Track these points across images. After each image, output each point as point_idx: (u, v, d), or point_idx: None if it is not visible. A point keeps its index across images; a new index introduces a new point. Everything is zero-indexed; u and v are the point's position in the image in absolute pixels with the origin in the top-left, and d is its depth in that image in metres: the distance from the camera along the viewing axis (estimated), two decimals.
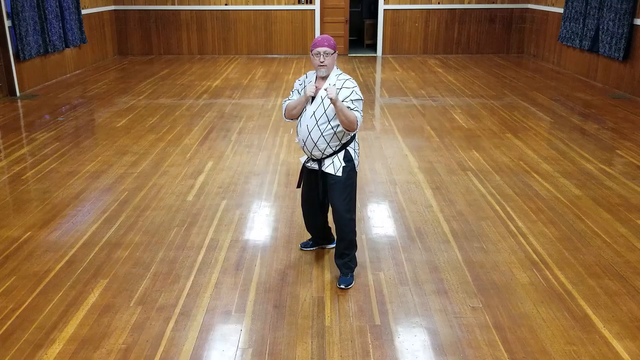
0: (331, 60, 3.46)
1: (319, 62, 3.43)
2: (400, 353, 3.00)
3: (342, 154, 3.54)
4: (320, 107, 3.44)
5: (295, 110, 3.56)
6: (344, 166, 3.53)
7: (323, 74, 3.47)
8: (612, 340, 3.10)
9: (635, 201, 4.94)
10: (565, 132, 7.06)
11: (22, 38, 9.20)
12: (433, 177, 5.51)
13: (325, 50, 3.42)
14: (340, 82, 3.46)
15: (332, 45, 3.47)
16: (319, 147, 3.49)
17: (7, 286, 3.64)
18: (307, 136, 3.50)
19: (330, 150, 3.51)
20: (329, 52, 3.43)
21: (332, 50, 3.45)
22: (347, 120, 3.34)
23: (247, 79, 10.78)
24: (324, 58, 3.43)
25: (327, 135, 3.46)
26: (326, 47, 3.42)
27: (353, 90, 3.44)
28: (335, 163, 3.53)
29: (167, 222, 4.55)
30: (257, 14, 13.38)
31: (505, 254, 4.03)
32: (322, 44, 3.44)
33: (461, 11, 13.36)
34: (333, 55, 3.47)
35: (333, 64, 3.50)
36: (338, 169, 3.52)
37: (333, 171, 3.52)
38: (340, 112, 3.31)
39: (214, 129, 7.25)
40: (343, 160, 3.53)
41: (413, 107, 8.43)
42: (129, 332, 3.17)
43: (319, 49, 3.42)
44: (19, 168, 5.82)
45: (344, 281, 3.63)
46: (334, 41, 3.53)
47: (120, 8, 13.32)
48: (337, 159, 3.53)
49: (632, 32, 9.00)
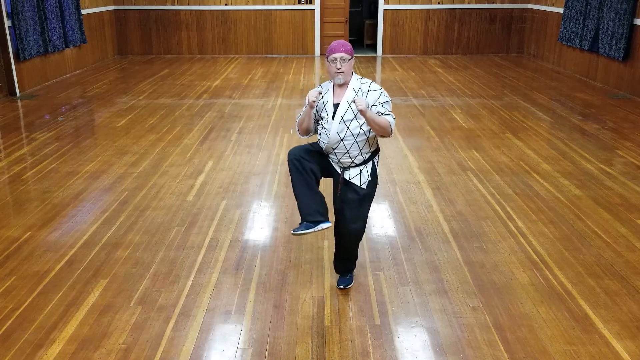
0: (348, 67, 3.22)
1: (336, 69, 3.20)
2: (400, 353, 3.00)
3: (370, 166, 3.32)
4: (349, 112, 3.22)
5: (305, 124, 3.34)
6: (370, 180, 3.32)
7: (340, 81, 3.24)
8: (612, 340, 3.10)
9: (635, 201, 4.94)
10: (565, 132, 7.06)
11: (22, 38, 9.20)
12: (433, 177, 5.51)
13: (342, 57, 3.19)
14: (365, 85, 3.26)
15: (349, 50, 3.23)
16: (351, 154, 3.26)
17: (7, 286, 3.64)
18: (337, 142, 3.24)
19: (362, 158, 3.29)
20: (346, 57, 3.20)
21: (349, 55, 3.22)
22: (380, 127, 3.15)
23: (247, 79, 10.78)
24: (341, 64, 3.19)
25: (360, 141, 3.24)
26: (342, 53, 3.19)
27: (381, 92, 3.24)
28: (364, 174, 3.30)
29: (167, 222, 4.55)
30: (257, 14, 13.38)
31: (505, 254, 4.03)
32: (339, 50, 3.20)
33: (461, 11, 13.36)
34: (350, 61, 3.23)
35: (350, 70, 3.27)
36: (364, 182, 3.30)
37: (359, 182, 3.29)
38: (372, 122, 3.11)
39: (214, 129, 7.25)
40: (370, 174, 3.31)
41: (413, 107, 8.43)
42: (129, 332, 3.17)
43: (335, 55, 3.19)
44: (19, 168, 5.82)
45: (342, 281, 3.62)
46: (351, 46, 3.29)
47: (120, 8, 13.32)
48: (365, 171, 3.30)
49: (632, 32, 9.00)
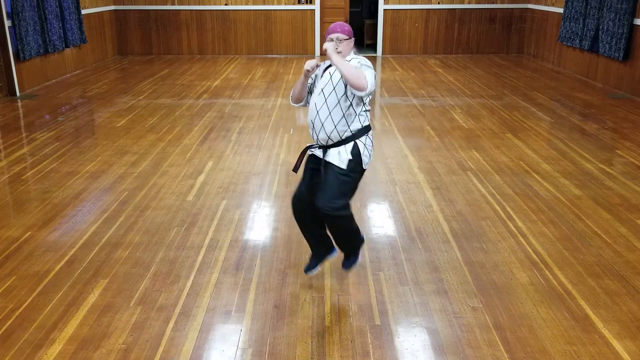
0: (346, 47, 3.25)
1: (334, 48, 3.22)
2: (400, 353, 3.00)
3: (350, 146, 3.24)
4: (329, 84, 3.23)
5: (297, 90, 3.38)
6: (350, 159, 3.22)
7: None
8: (612, 340, 3.10)
9: (635, 201, 4.94)
10: (565, 132, 7.06)
11: (22, 38, 9.20)
12: (433, 177, 5.51)
13: (338, 37, 3.23)
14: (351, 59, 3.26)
15: (346, 31, 3.26)
16: (326, 128, 3.22)
17: (7, 286, 3.64)
18: (315, 116, 3.26)
19: (338, 136, 3.22)
20: (342, 38, 3.23)
21: (346, 36, 3.24)
22: (353, 75, 3.01)
23: (247, 79, 10.78)
24: (338, 44, 3.22)
25: (335, 115, 3.20)
26: (339, 33, 3.23)
27: (361, 63, 3.21)
28: (342, 154, 3.23)
29: (167, 222, 4.55)
30: (257, 14, 13.38)
31: (505, 254, 4.03)
32: (335, 30, 3.25)
33: (461, 11, 13.36)
34: (348, 41, 3.26)
35: (349, 51, 3.28)
36: (343, 161, 3.22)
37: (337, 162, 3.23)
38: (342, 68, 3.02)
39: (214, 129, 7.25)
40: (350, 153, 3.23)
41: (413, 107, 8.43)
42: (129, 332, 3.17)
43: (332, 35, 3.24)
44: (19, 168, 5.82)
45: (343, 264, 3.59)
46: (350, 28, 3.31)
47: (120, 8, 13.32)
48: (344, 150, 3.24)
49: (632, 32, 9.00)
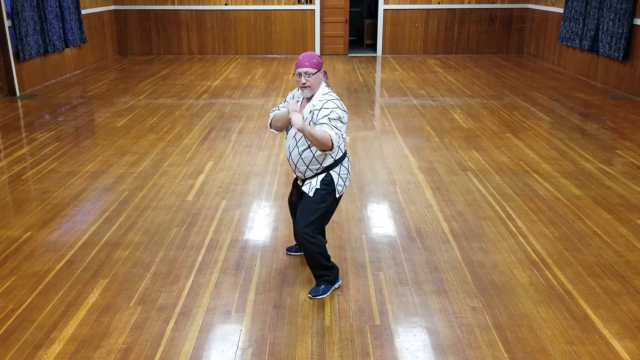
0: (315, 80, 3.21)
1: (301, 83, 3.21)
2: (400, 353, 3.00)
3: (322, 177, 3.33)
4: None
5: (279, 124, 3.41)
6: (318, 188, 3.31)
7: (307, 95, 3.25)
8: (612, 340, 3.10)
9: (635, 201, 4.94)
10: (565, 132, 7.06)
11: (22, 38, 9.20)
12: (433, 177, 5.51)
13: (307, 71, 3.17)
14: (320, 102, 3.22)
15: (314, 64, 3.19)
16: (299, 169, 3.36)
17: (7, 286, 3.64)
18: (289, 155, 3.39)
19: (311, 173, 3.35)
20: (311, 72, 3.18)
21: (314, 70, 3.18)
22: (319, 141, 3.10)
23: (247, 79, 10.78)
24: (306, 79, 3.18)
25: (305, 158, 3.30)
26: (307, 67, 3.17)
27: (333, 110, 3.18)
28: (312, 183, 3.34)
29: (167, 222, 4.55)
30: (257, 14, 13.38)
31: (505, 254, 4.03)
32: (303, 64, 3.18)
33: (461, 11, 13.36)
34: (316, 74, 3.21)
35: (318, 83, 3.25)
36: (311, 190, 3.32)
37: (307, 190, 3.35)
38: (310, 138, 3.08)
39: (214, 129, 7.25)
40: (320, 183, 3.32)
41: (413, 107, 8.43)
42: (129, 332, 3.17)
43: (300, 70, 3.18)
44: (19, 168, 5.82)
45: (312, 290, 3.48)
46: (319, 58, 3.25)
47: (120, 8, 13.32)
48: (316, 180, 3.34)
49: (632, 32, 9.00)
